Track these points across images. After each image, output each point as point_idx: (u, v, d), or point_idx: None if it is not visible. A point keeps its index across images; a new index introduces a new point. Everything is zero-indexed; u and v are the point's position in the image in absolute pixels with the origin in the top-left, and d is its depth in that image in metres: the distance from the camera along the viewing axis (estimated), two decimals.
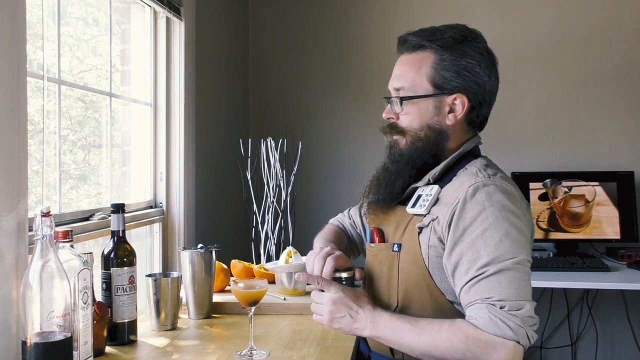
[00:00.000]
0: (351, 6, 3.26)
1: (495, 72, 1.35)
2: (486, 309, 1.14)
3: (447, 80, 1.30)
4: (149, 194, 2.23)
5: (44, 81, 1.58)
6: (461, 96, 1.31)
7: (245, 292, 1.39)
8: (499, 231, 1.19)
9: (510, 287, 1.16)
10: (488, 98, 1.34)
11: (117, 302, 1.47)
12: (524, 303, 1.16)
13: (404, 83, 1.34)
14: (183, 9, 2.28)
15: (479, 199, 1.22)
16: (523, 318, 1.14)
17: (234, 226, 2.76)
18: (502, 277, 1.17)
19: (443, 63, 1.30)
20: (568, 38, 3.09)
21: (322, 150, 3.24)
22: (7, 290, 1.26)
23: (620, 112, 3.05)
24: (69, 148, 1.86)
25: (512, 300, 1.15)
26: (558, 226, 2.86)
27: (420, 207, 1.29)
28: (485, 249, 1.18)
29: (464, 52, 1.30)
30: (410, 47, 1.34)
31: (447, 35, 1.31)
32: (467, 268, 1.19)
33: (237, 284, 1.40)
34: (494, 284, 1.16)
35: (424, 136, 1.32)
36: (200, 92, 2.47)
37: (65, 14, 1.80)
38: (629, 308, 2.99)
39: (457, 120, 1.32)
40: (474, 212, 1.21)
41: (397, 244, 1.32)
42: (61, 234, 1.26)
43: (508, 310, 1.14)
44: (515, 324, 1.13)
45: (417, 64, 1.32)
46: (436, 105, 1.32)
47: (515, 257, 1.18)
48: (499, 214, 1.20)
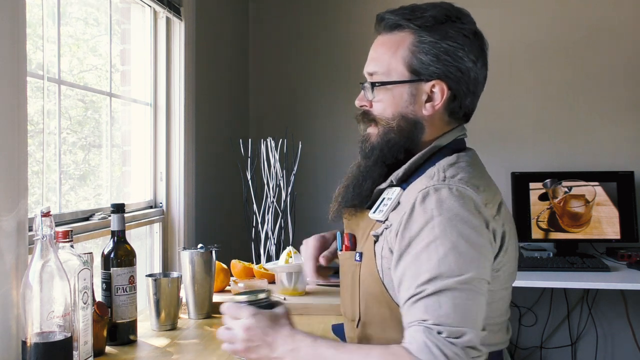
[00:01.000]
0: (351, 6, 3.26)
1: (482, 58, 1.18)
2: (422, 332, 0.97)
3: (425, 65, 1.14)
4: (149, 194, 2.23)
5: (44, 81, 1.58)
6: (440, 83, 1.15)
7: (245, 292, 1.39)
8: (445, 244, 1.02)
9: (451, 311, 0.98)
10: (472, 87, 1.18)
11: (117, 302, 1.47)
12: (465, 330, 0.97)
13: (378, 67, 1.19)
14: (183, 9, 2.28)
15: (428, 206, 1.05)
16: (463, 347, 0.96)
17: (234, 226, 2.76)
18: (442, 297, 0.99)
19: (422, 45, 1.14)
20: (568, 37, 3.09)
21: (322, 150, 3.24)
22: (7, 290, 1.26)
23: (620, 112, 3.06)
24: (69, 148, 1.86)
25: (451, 326, 0.97)
26: (558, 226, 2.86)
27: (379, 213, 1.15)
28: (428, 264, 1.02)
29: (445, 34, 1.14)
30: (387, 27, 1.19)
31: (428, 14, 1.15)
32: (408, 285, 1.03)
33: (237, 284, 1.39)
34: (434, 305, 0.99)
35: (396, 127, 1.17)
36: (200, 92, 2.47)
37: (65, 14, 1.80)
38: (629, 308, 2.99)
39: (436, 110, 1.16)
40: (421, 222, 1.04)
41: (359, 252, 1.18)
42: (61, 234, 1.26)
43: (446, 336, 0.97)
44: (452, 353, 0.95)
45: (394, 46, 1.17)
46: (412, 92, 1.16)
47: (462, 275, 1.00)
48: (448, 223, 1.03)
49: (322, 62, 3.28)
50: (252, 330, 1.07)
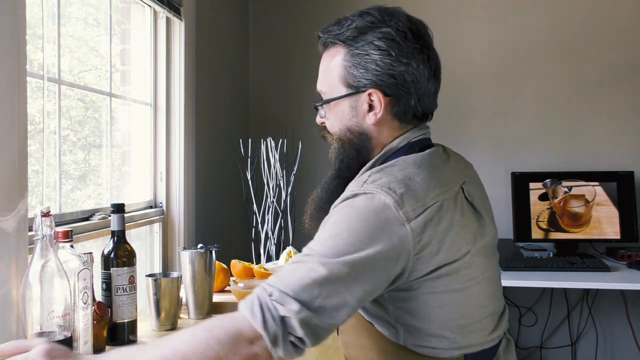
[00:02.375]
0: (351, 6, 3.26)
1: (418, 57, 1.14)
2: (258, 289, 0.98)
3: (357, 78, 1.14)
4: (149, 194, 2.23)
5: (44, 81, 1.58)
6: (376, 92, 1.14)
7: (245, 292, 1.39)
8: (331, 229, 1.03)
9: (289, 278, 0.97)
10: (413, 88, 1.14)
11: (117, 302, 1.47)
12: (289, 300, 0.94)
13: (321, 85, 1.21)
14: (183, 9, 2.28)
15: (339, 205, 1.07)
16: (285, 316, 0.94)
17: (234, 226, 2.76)
18: (293, 267, 0.99)
19: (352, 59, 1.14)
20: (568, 38, 3.09)
21: (322, 150, 3.23)
22: (7, 290, 1.26)
23: (620, 112, 3.06)
24: (69, 148, 1.86)
25: (282, 290, 0.95)
26: (558, 226, 2.86)
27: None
28: (311, 242, 1.03)
29: (370, 43, 1.13)
30: (322, 45, 1.21)
31: (353, 26, 1.15)
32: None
33: (237, 283, 1.40)
34: (286, 271, 0.99)
35: (346, 140, 1.18)
36: (200, 92, 2.47)
37: (65, 14, 1.80)
38: (629, 308, 2.99)
39: (379, 118, 1.15)
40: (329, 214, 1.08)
41: None
42: (61, 234, 1.26)
43: (273, 298, 0.95)
44: (269, 315, 0.94)
45: (330, 64, 1.18)
46: (352, 105, 1.16)
47: (322, 249, 1.00)
48: (344, 214, 1.04)
49: None
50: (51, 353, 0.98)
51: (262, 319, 0.93)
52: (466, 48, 3.08)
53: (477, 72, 3.08)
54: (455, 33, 3.08)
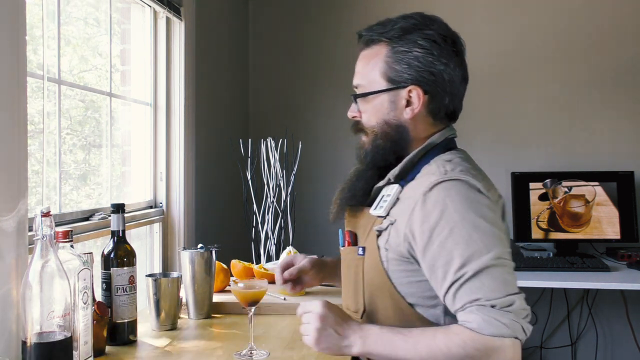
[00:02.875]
0: (351, 6, 3.26)
1: (454, 59, 1.27)
2: (477, 311, 1.09)
3: (399, 73, 1.25)
4: (149, 194, 2.23)
5: (44, 81, 1.58)
6: (416, 88, 1.24)
7: (245, 292, 1.39)
8: (466, 227, 1.12)
9: (494, 286, 1.10)
10: (449, 87, 1.26)
11: (117, 302, 1.47)
12: (512, 298, 1.10)
13: (360, 80, 1.31)
14: (183, 9, 2.28)
15: (438, 198, 1.15)
16: (516, 312, 1.10)
17: (234, 226, 2.76)
18: (483, 277, 1.10)
19: (395, 56, 1.25)
20: (568, 38, 3.09)
21: (322, 150, 3.24)
22: (7, 290, 1.26)
23: (620, 112, 3.06)
24: (69, 148, 1.86)
25: (500, 297, 1.10)
26: (558, 226, 2.86)
27: (380, 209, 1.24)
28: (457, 249, 1.12)
29: (414, 42, 1.24)
30: (364, 43, 1.32)
31: (397, 26, 1.26)
32: (443, 273, 1.13)
33: (237, 283, 1.40)
34: (477, 285, 1.10)
35: (381, 133, 1.27)
36: (200, 92, 2.47)
37: (65, 14, 1.80)
38: (629, 308, 2.99)
39: (416, 113, 1.26)
40: (437, 212, 1.14)
41: (362, 247, 1.27)
42: (61, 234, 1.26)
43: (500, 308, 1.09)
44: (510, 320, 1.08)
45: (372, 60, 1.29)
46: (391, 100, 1.26)
47: (491, 252, 1.11)
48: (462, 208, 1.13)
49: (322, 62, 3.28)
50: (325, 318, 1.15)
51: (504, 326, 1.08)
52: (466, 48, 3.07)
53: (477, 72, 3.05)
54: None
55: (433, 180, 1.17)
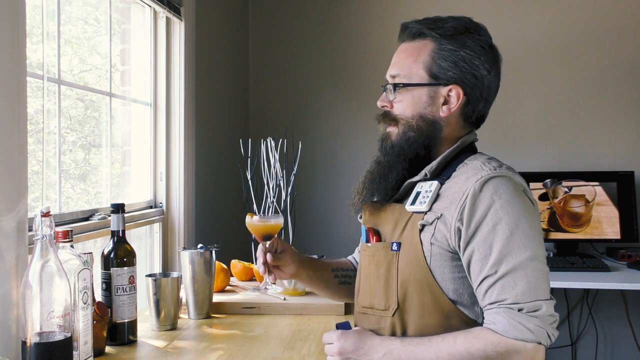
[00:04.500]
0: (351, 6, 3.26)
1: (496, 68, 1.31)
2: (504, 313, 1.12)
3: (444, 70, 1.26)
4: (149, 194, 2.23)
5: (44, 81, 1.58)
6: (457, 88, 1.26)
7: (260, 224, 1.38)
8: (510, 225, 1.15)
9: (525, 289, 1.13)
10: (485, 94, 1.30)
11: (117, 302, 1.47)
12: (540, 303, 1.13)
13: (400, 70, 1.30)
14: (183, 9, 2.28)
15: (487, 193, 1.17)
16: (542, 318, 1.12)
17: (234, 226, 2.76)
18: (516, 276, 1.13)
19: (441, 52, 1.26)
20: (568, 38, 3.09)
21: (322, 150, 3.24)
22: (7, 290, 1.26)
23: (620, 112, 3.06)
24: (69, 148, 1.86)
25: (529, 301, 1.12)
26: (558, 226, 2.86)
27: (421, 204, 1.23)
28: (497, 244, 1.15)
29: (463, 43, 1.26)
30: (410, 35, 1.31)
31: (449, 25, 1.28)
32: (480, 266, 1.16)
33: (252, 217, 1.40)
34: (509, 284, 1.13)
35: (415, 125, 1.27)
36: (200, 92, 2.47)
37: (65, 14, 1.80)
38: (629, 308, 2.99)
39: (451, 112, 1.27)
40: (484, 207, 1.17)
41: (397, 242, 1.25)
42: (61, 234, 1.26)
43: (526, 312, 1.12)
44: (535, 326, 1.11)
45: (416, 52, 1.29)
46: (430, 95, 1.27)
47: (527, 252, 1.14)
48: (508, 206, 1.16)
49: (322, 62, 3.28)
50: (344, 351, 1.20)
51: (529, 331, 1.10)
52: None
53: None
54: None
55: (484, 175, 1.19)
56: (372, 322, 1.29)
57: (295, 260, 1.43)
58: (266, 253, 1.38)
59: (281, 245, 1.43)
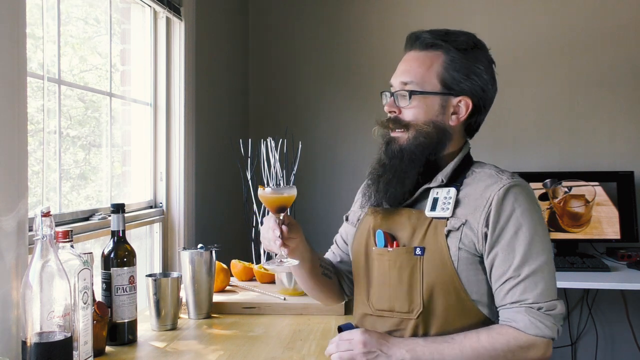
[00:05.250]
0: (351, 7, 3.26)
1: (495, 82, 1.38)
2: (525, 312, 1.22)
3: (456, 81, 1.32)
4: (149, 194, 2.23)
5: (44, 81, 1.58)
6: (466, 99, 1.33)
7: (273, 196, 1.33)
8: (530, 231, 1.25)
9: (544, 290, 1.24)
10: (488, 105, 1.38)
11: (117, 302, 1.47)
12: (556, 303, 1.24)
13: (412, 77, 1.33)
14: (183, 9, 2.28)
15: (509, 201, 1.26)
16: (555, 316, 1.24)
17: (234, 226, 2.76)
18: (537, 279, 1.24)
19: (454, 64, 1.32)
20: (568, 38, 3.09)
21: (322, 150, 3.24)
22: (7, 290, 1.26)
23: (620, 112, 3.05)
24: (69, 148, 1.86)
25: (547, 301, 1.23)
26: (558, 226, 2.86)
27: (443, 210, 1.30)
28: (519, 249, 1.24)
29: (475, 57, 1.33)
30: (422, 45, 1.35)
31: (461, 39, 1.34)
32: (503, 268, 1.25)
33: (264, 189, 1.36)
34: (531, 286, 1.23)
35: (428, 132, 1.32)
36: (200, 92, 2.47)
37: (65, 14, 1.80)
38: (629, 308, 2.99)
39: (459, 122, 1.34)
40: (507, 213, 1.26)
41: (420, 247, 1.30)
42: (61, 234, 1.26)
43: (545, 311, 1.23)
44: (551, 323, 1.23)
45: (429, 62, 1.33)
46: (442, 104, 1.33)
47: (544, 255, 1.25)
48: (527, 213, 1.26)
49: (322, 62, 3.28)
50: (368, 343, 1.23)
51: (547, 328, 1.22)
52: None
53: None
54: None
55: (505, 184, 1.28)
56: (391, 324, 1.32)
57: (300, 234, 1.40)
58: (280, 225, 1.36)
59: (287, 217, 1.41)
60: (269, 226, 1.36)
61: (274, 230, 1.34)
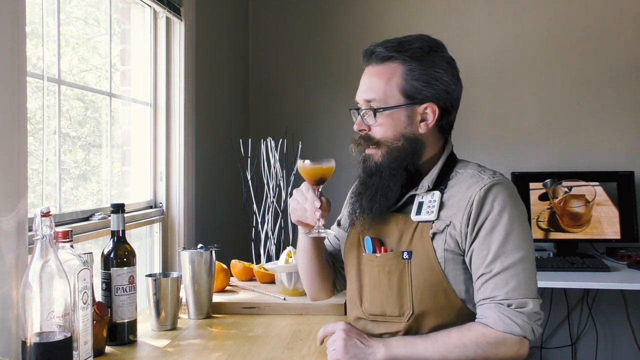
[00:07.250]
0: (351, 6, 3.26)
1: (459, 80, 1.38)
2: (495, 308, 1.23)
3: (418, 90, 1.32)
4: (149, 194, 2.23)
5: (44, 81, 1.58)
6: (432, 105, 1.33)
7: (313, 167, 1.37)
8: (505, 228, 1.26)
9: (515, 287, 1.24)
10: (455, 105, 1.38)
11: (117, 302, 1.47)
12: (528, 301, 1.23)
13: (375, 94, 1.34)
14: (183, 9, 2.28)
15: (488, 200, 1.28)
16: (528, 314, 1.22)
17: (234, 226, 2.76)
18: (508, 275, 1.24)
19: (413, 73, 1.32)
20: (568, 38, 3.09)
21: (322, 150, 3.23)
22: (7, 290, 1.26)
23: (620, 112, 3.05)
24: (69, 148, 1.86)
25: (518, 298, 1.23)
26: (558, 226, 2.86)
27: (428, 214, 1.31)
28: (493, 246, 1.25)
29: (432, 62, 1.32)
30: (378, 59, 1.35)
31: (415, 46, 1.33)
32: (477, 264, 1.27)
33: (303, 161, 1.38)
34: (501, 282, 1.24)
35: (400, 146, 1.33)
36: (200, 92, 2.47)
37: (65, 14, 1.80)
38: (629, 308, 2.99)
39: (429, 128, 1.34)
40: (485, 212, 1.27)
41: (407, 251, 1.32)
42: (61, 234, 1.26)
43: (515, 308, 1.23)
44: (522, 321, 1.22)
45: (387, 75, 1.33)
46: (408, 115, 1.33)
47: (520, 254, 1.25)
48: (505, 211, 1.27)
49: (322, 62, 3.28)
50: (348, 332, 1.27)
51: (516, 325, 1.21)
52: (466, 48, 3.08)
53: (477, 72, 3.08)
54: (456, 32, 3.08)
55: (485, 183, 1.29)
56: (384, 328, 1.35)
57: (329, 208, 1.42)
58: (320, 197, 1.38)
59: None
60: (306, 198, 1.39)
61: (314, 201, 1.37)
